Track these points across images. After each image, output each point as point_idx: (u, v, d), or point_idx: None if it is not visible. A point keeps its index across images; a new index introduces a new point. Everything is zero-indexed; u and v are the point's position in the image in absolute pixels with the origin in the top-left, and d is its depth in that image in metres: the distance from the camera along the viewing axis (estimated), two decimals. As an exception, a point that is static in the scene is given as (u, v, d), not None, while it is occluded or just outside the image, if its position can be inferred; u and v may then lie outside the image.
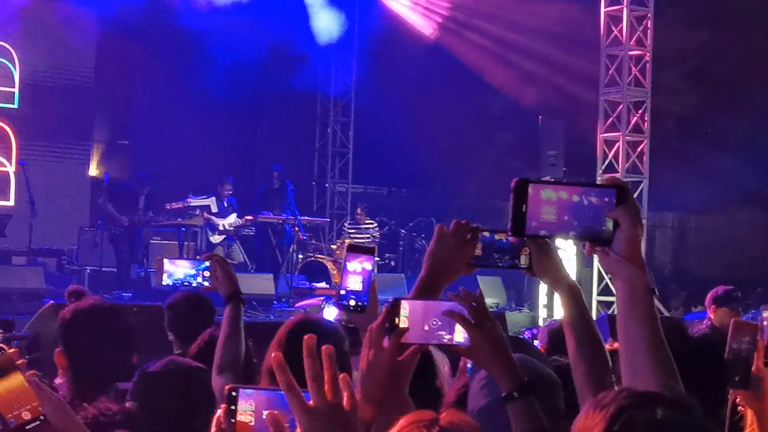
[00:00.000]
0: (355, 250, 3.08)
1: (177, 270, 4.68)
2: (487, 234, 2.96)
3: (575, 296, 3.05)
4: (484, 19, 21.48)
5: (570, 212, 2.41)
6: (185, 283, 4.69)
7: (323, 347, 2.21)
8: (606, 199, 2.41)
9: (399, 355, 2.66)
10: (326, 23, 21.48)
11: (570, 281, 3.07)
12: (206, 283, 4.71)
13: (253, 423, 2.30)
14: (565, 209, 2.41)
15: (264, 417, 2.24)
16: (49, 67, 19.53)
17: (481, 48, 21.60)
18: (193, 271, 4.69)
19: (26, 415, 2.61)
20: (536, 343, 7.16)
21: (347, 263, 3.07)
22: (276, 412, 2.20)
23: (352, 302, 3.05)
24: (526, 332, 11.54)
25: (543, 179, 2.48)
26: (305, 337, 2.20)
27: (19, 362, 2.67)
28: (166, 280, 4.65)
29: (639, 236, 2.42)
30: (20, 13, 18.03)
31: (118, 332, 4.29)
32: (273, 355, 2.20)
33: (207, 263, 4.72)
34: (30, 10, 18.15)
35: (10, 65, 19.51)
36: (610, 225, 2.41)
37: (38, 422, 2.62)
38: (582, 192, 2.42)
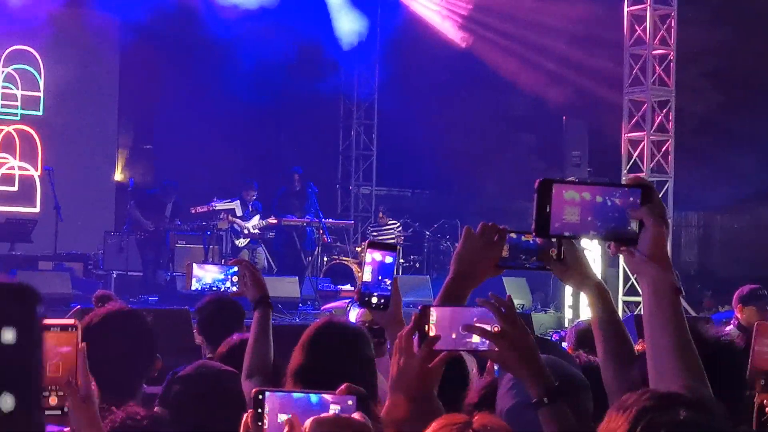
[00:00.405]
0: (376, 246, 3.09)
1: (206, 275, 4.70)
2: (514, 235, 2.96)
3: (603, 296, 3.04)
4: (506, 19, 21.43)
5: (593, 213, 2.41)
6: (214, 288, 4.70)
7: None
8: (631, 199, 2.41)
9: (429, 362, 2.67)
10: (349, 26, 21.50)
11: (597, 281, 3.07)
12: (235, 288, 4.71)
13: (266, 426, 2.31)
14: (589, 210, 2.41)
15: (278, 420, 2.25)
16: (74, 73, 19.58)
17: (504, 48, 21.56)
18: (222, 276, 4.71)
19: (53, 400, 2.64)
20: (564, 344, 7.15)
21: (366, 258, 3.08)
22: (293, 415, 2.22)
23: (374, 299, 3.06)
24: (554, 335, 11.52)
25: (567, 179, 2.48)
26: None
27: (80, 346, 2.70)
28: (194, 285, 4.66)
29: (664, 236, 2.42)
30: (45, 20, 18.09)
31: (139, 337, 4.29)
32: None
33: (235, 268, 4.73)
34: (55, 17, 18.22)
35: (35, 72, 19.61)
36: (635, 225, 2.41)
37: (57, 412, 2.64)
38: (606, 192, 2.42)
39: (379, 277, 3.12)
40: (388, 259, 3.09)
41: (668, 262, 2.42)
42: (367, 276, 3.09)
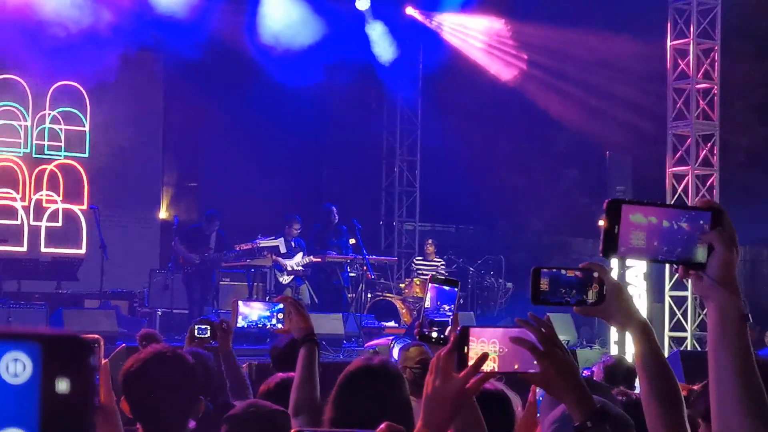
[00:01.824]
0: (438, 281, 3.08)
1: (252, 312, 4.70)
2: (555, 270, 2.92)
3: (647, 334, 3.00)
4: (549, 54, 21.44)
5: (660, 237, 2.38)
6: (259, 325, 4.71)
7: None
8: (701, 222, 2.38)
9: (468, 383, 2.65)
10: (391, 62, 21.59)
11: (641, 318, 3.03)
12: (280, 325, 4.71)
13: None
14: (655, 234, 2.39)
15: None
16: (119, 111, 19.74)
17: (546, 84, 21.56)
18: (268, 313, 4.71)
19: None
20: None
21: (429, 291, 3.07)
22: None
23: (434, 334, 3.04)
24: (584, 371, 11.43)
25: (636, 200, 2.46)
26: None
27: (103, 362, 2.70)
28: (240, 322, 4.67)
29: (734, 260, 2.38)
30: (91, 57, 18.25)
31: (179, 379, 4.28)
32: None
33: (281, 305, 4.72)
34: (101, 55, 18.36)
35: (80, 113, 19.78)
36: (703, 249, 2.39)
37: None
38: (675, 215, 2.39)
39: (438, 302, 3.10)
40: (444, 290, 3.08)
41: (737, 288, 2.38)
42: (427, 303, 3.08)
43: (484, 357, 2.63)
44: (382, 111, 22.82)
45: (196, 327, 5.97)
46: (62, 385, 1.23)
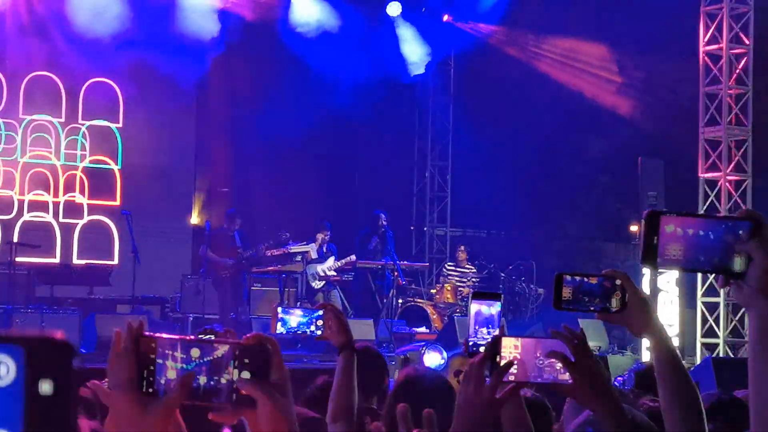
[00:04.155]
0: (480, 296, 3.08)
1: (291, 318, 4.70)
2: (577, 278, 2.92)
3: (665, 341, 2.99)
4: (580, 60, 21.43)
5: (696, 248, 2.38)
6: (298, 332, 4.71)
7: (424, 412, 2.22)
8: (740, 232, 2.38)
9: (498, 392, 2.66)
10: (421, 66, 21.63)
11: (659, 325, 3.01)
12: (319, 332, 4.72)
13: None
14: (692, 245, 2.39)
15: None
16: (152, 117, 19.82)
17: (578, 89, 21.53)
18: (306, 320, 4.71)
19: None
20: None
21: (472, 309, 3.07)
22: None
23: (482, 349, 3.05)
24: (617, 378, 11.42)
25: (674, 211, 2.46)
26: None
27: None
28: (279, 329, 4.67)
29: None
30: (124, 62, 18.33)
31: None
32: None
33: (320, 312, 4.74)
34: (133, 58, 18.43)
35: (112, 123, 19.86)
36: (742, 258, 2.38)
37: None
38: (713, 225, 2.39)
39: (476, 327, 3.11)
40: (486, 310, 3.09)
41: None
42: (471, 328, 3.10)
43: (508, 365, 2.64)
44: (413, 116, 22.84)
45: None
46: (45, 387, 1.26)
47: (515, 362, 2.67)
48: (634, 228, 19.79)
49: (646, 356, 16.54)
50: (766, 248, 2.35)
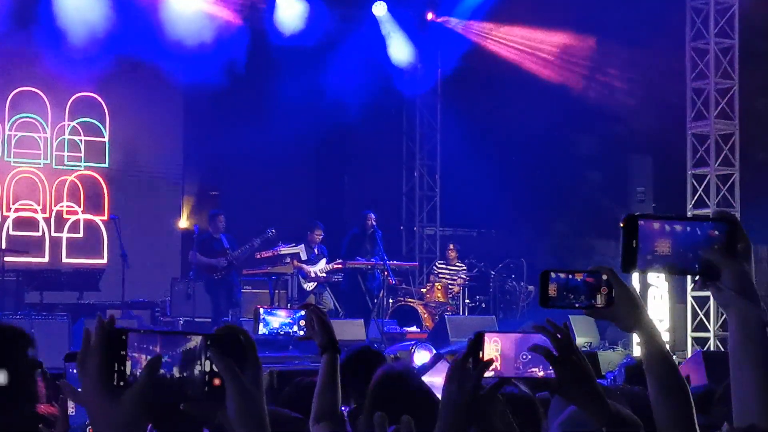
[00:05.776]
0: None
1: (273, 319, 4.69)
2: (563, 275, 2.90)
3: (654, 335, 2.98)
4: (567, 56, 21.42)
5: (675, 251, 2.39)
6: (281, 333, 4.70)
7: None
8: (716, 233, 2.39)
9: (481, 390, 2.65)
10: (409, 66, 21.63)
11: (648, 320, 2.99)
12: (302, 333, 4.70)
13: None
14: (671, 247, 2.39)
15: None
16: (139, 120, 19.78)
17: (568, 87, 21.51)
18: (289, 320, 4.70)
19: None
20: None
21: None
22: None
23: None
24: (608, 375, 11.43)
25: (651, 214, 2.47)
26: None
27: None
28: (262, 330, 4.65)
29: (748, 270, 2.39)
30: (110, 68, 18.29)
31: None
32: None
33: (302, 312, 4.71)
34: (119, 64, 18.40)
35: (99, 124, 19.83)
36: (720, 258, 2.39)
37: None
38: (691, 226, 2.40)
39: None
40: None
41: (755, 295, 2.39)
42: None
43: (489, 362, 2.63)
44: (401, 116, 22.83)
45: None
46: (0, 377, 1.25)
47: (495, 359, 2.65)
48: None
49: (637, 352, 16.57)
50: (739, 249, 2.36)
